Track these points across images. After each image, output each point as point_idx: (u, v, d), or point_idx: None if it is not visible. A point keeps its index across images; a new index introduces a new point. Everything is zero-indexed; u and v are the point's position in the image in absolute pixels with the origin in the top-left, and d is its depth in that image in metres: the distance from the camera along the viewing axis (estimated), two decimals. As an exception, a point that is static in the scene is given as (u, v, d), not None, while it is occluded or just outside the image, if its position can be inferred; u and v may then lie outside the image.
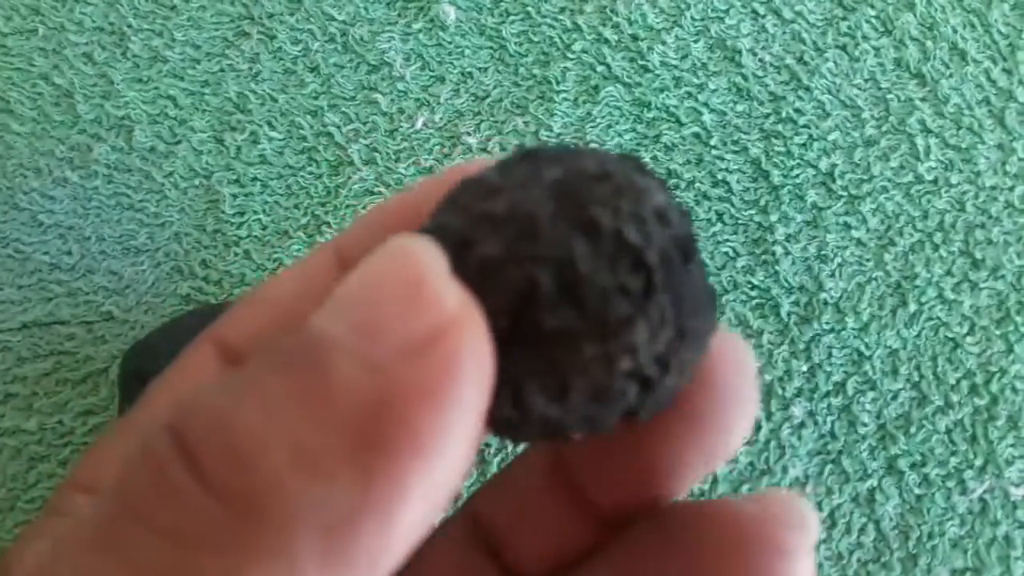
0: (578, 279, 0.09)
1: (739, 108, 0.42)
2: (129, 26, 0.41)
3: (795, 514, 0.10)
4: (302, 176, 0.40)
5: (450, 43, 0.42)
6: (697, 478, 0.11)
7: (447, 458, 0.08)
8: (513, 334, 0.09)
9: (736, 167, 0.41)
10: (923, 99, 0.43)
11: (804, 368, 0.39)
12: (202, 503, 0.08)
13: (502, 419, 0.09)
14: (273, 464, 0.08)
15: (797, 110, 0.42)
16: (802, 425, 0.39)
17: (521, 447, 0.13)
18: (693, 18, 0.43)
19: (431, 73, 0.42)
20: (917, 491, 0.38)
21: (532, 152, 0.10)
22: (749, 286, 0.40)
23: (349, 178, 0.40)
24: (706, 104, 0.42)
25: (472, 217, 0.10)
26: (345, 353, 0.08)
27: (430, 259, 0.08)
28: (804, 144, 0.42)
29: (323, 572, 0.08)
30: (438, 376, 0.08)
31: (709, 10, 0.43)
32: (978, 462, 0.39)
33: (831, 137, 0.42)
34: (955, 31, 0.45)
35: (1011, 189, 0.43)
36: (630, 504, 0.11)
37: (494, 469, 0.37)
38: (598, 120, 0.42)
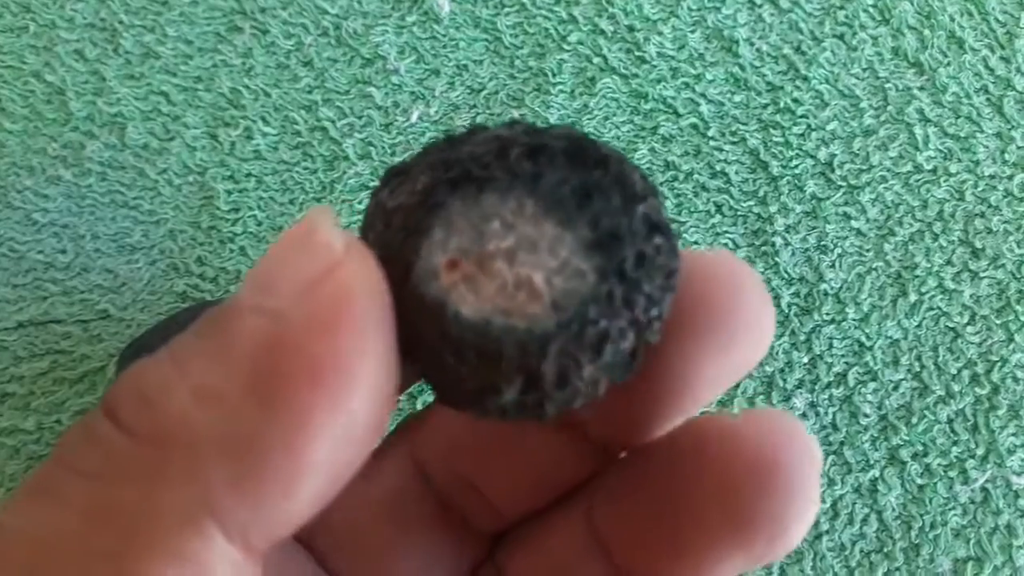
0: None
1: (737, 99, 0.42)
2: (120, 22, 0.41)
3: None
4: (297, 171, 0.39)
5: (444, 36, 0.42)
6: (741, 571, 0.10)
7: (352, 384, 0.08)
8: None
9: (734, 158, 0.41)
10: (921, 88, 0.43)
11: (805, 359, 0.39)
12: (119, 444, 0.08)
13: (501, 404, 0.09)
14: (179, 402, 0.08)
15: (795, 100, 0.42)
16: (803, 416, 0.39)
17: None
18: (689, 8, 0.43)
19: (426, 66, 0.41)
20: (919, 481, 0.38)
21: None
22: (748, 277, 0.40)
23: (344, 173, 0.40)
24: (703, 95, 0.42)
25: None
26: (247, 308, 0.09)
27: (319, 216, 0.09)
28: (802, 134, 0.42)
29: (235, 495, 0.08)
30: (328, 307, 0.08)
31: (706, 0, 0.43)
32: (980, 451, 0.39)
33: (829, 127, 0.42)
34: (952, 19, 0.44)
35: (1010, 178, 0.42)
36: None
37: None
38: (595, 112, 0.41)
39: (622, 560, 0.11)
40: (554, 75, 0.42)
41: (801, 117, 0.42)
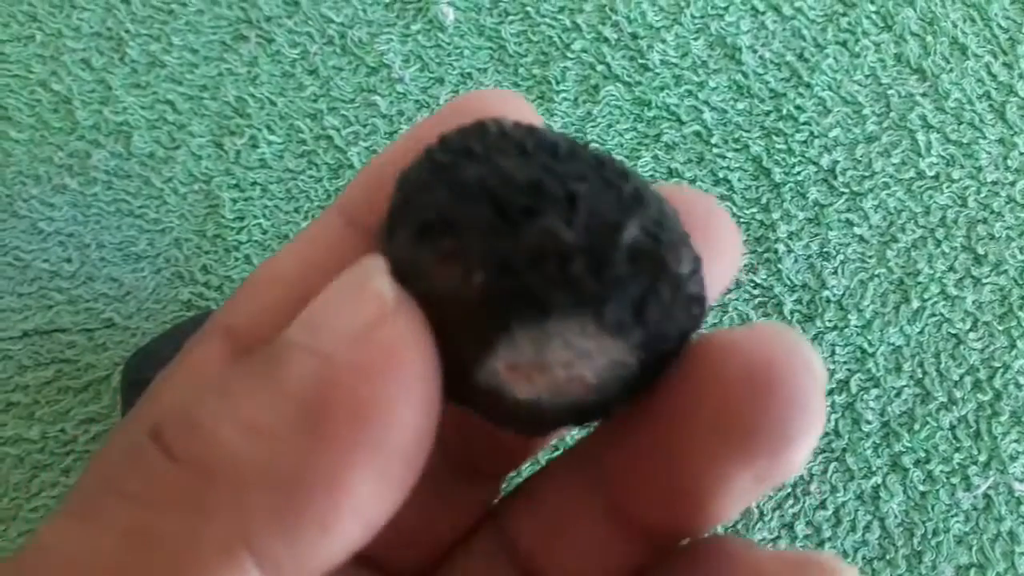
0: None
1: (740, 106, 0.42)
2: (127, 31, 0.41)
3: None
4: (302, 180, 0.40)
5: (449, 44, 0.42)
6: (750, 499, 0.10)
7: (393, 427, 0.09)
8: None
9: (737, 165, 0.41)
10: (924, 94, 0.43)
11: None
12: (164, 469, 0.09)
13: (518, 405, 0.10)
14: (227, 433, 0.09)
15: (798, 107, 0.42)
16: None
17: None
18: (693, 16, 0.43)
19: (430, 74, 0.42)
20: (921, 488, 0.38)
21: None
22: (752, 284, 0.40)
23: (349, 181, 0.40)
24: (707, 102, 0.42)
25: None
26: (298, 350, 0.09)
27: (373, 265, 0.10)
28: (805, 141, 0.42)
29: (273, 529, 0.08)
30: (377, 354, 0.09)
31: (709, 7, 0.43)
32: (982, 458, 0.39)
33: (832, 134, 0.42)
34: (955, 26, 0.45)
35: (1013, 184, 0.42)
36: (675, 525, 0.11)
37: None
38: (599, 119, 0.42)
39: (627, 504, 0.11)
40: (558, 83, 0.42)
41: (804, 124, 0.42)
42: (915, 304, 0.40)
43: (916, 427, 0.39)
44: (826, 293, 0.40)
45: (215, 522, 0.08)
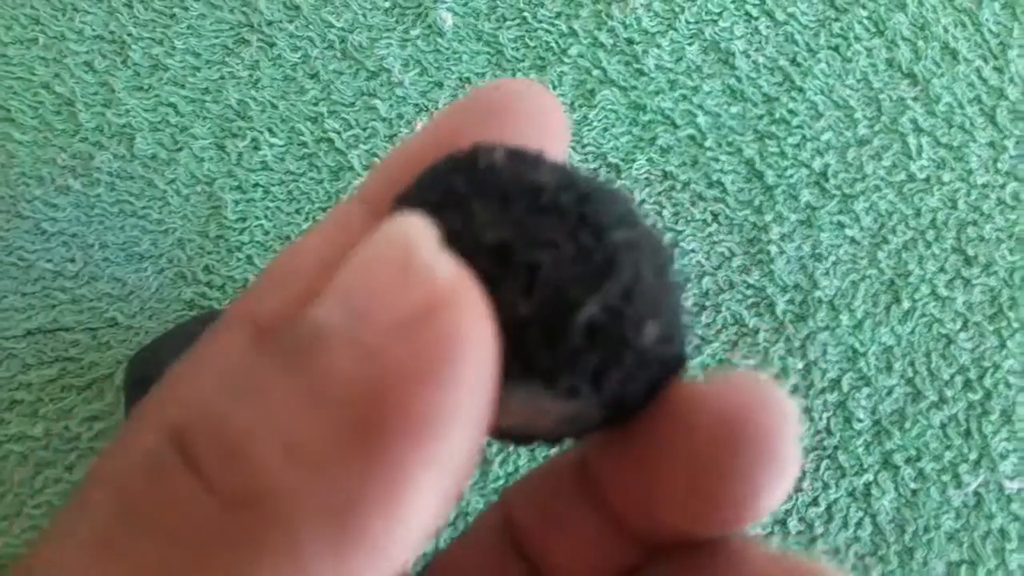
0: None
1: (733, 110, 0.43)
2: (129, 35, 0.41)
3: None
4: (303, 182, 0.40)
5: (448, 49, 0.43)
6: (726, 531, 0.10)
7: (451, 441, 0.08)
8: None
9: (731, 168, 0.42)
10: (915, 98, 0.44)
11: (800, 365, 0.40)
12: (203, 502, 0.08)
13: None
14: (269, 459, 0.08)
15: (790, 111, 0.43)
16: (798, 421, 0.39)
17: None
18: (687, 21, 0.44)
19: (429, 79, 0.42)
20: (913, 485, 0.39)
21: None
22: (745, 285, 0.41)
23: (350, 183, 0.40)
24: (701, 106, 0.43)
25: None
26: (337, 340, 0.08)
27: (419, 233, 0.08)
28: (798, 144, 0.43)
29: (334, 562, 0.07)
30: (431, 355, 0.08)
31: (703, 13, 0.44)
32: (972, 456, 0.39)
33: (824, 137, 0.43)
34: (946, 30, 0.45)
35: (1002, 186, 0.43)
36: (659, 534, 0.11)
37: (495, 469, 0.38)
38: (594, 124, 0.42)
39: (615, 507, 0.11)
40: (555, 87, 0.42)
41: (796, 128, 0.43)
42: (906, 305, 0.41)
43: (907, 425, 0.39)
44: (818, 294, 0.41)
45: (264, 565, 0.07)
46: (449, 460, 0.08)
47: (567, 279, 0.09)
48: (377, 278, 0.08)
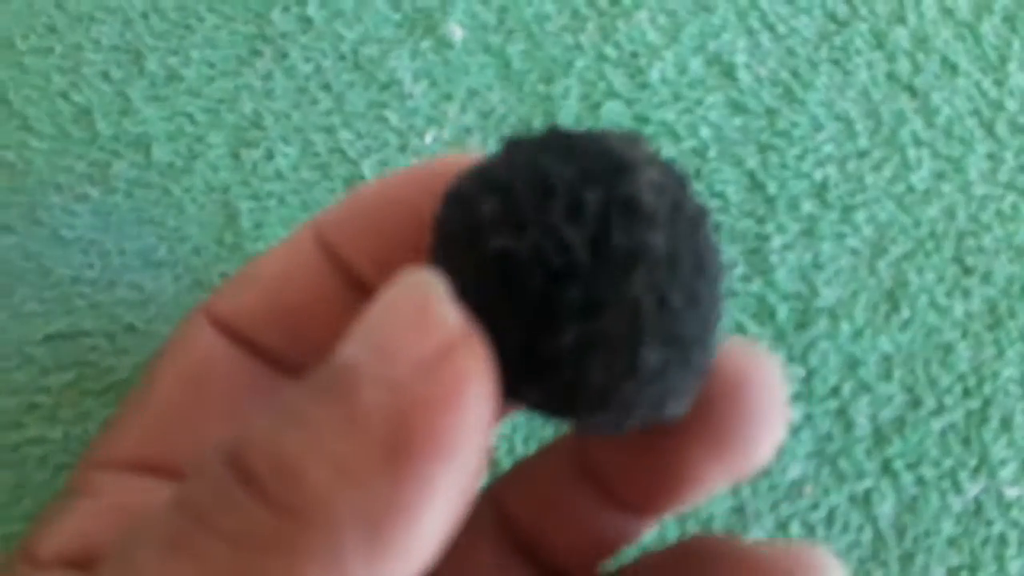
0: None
1: (735, 122, 0.44)
2: (145, 45, 0.42)
3: (818, 566, 0.12)
4: (317, 191, 0.41)
5: (457, 61, 0.43)
6: (722, 486, 0.13)
7: (464, 458, 0.10)
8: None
9: (733, 179, 0.43)
10: (915, 111, 0.44)
11: (801, 373, 0.40)
12: (259, 514, 0.09)
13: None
14: (317, 478, 0.09)
15: (792, 123, 0.44)
16: (800, 427, 0.40)
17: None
18: (691, 35, 0.45)
19: (439, 91, 0.43)
20: (912, 491, 0.39)
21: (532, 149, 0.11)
22: (746, 294, 0.41)
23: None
24: (703, 118, 0.43)
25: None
26: (369, 377, 0.10)
27: (434, 287, 0.10)
28: (799, 156, 0.43)
29: (368, 564, 0.09)
30: (449, 387, 0.10)
31: (706, 27, 0.45)
32: (972, 463, 0.40)
33: (825, 149, 0.43)
34: (946, 44, 0.46)
35: (1001, 198, 0.44)
36: (655, 504, 0.13)
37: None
38: (600, 134, 0.43)
39: (612, 483, 0.13)
40: (561, 100, 0.43)
41: (798, 140, 0.43)
42: (905, 314, 0.41)
43: (907, 432, 0.40)
44: (819, 303, 0.41)
45: (314, 563, 0.09)
46: (462, 471, 0.10)
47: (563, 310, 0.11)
48: (400, 323, 0.10)
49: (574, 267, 0.10)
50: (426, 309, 0.10)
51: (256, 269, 0.14)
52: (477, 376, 0.10)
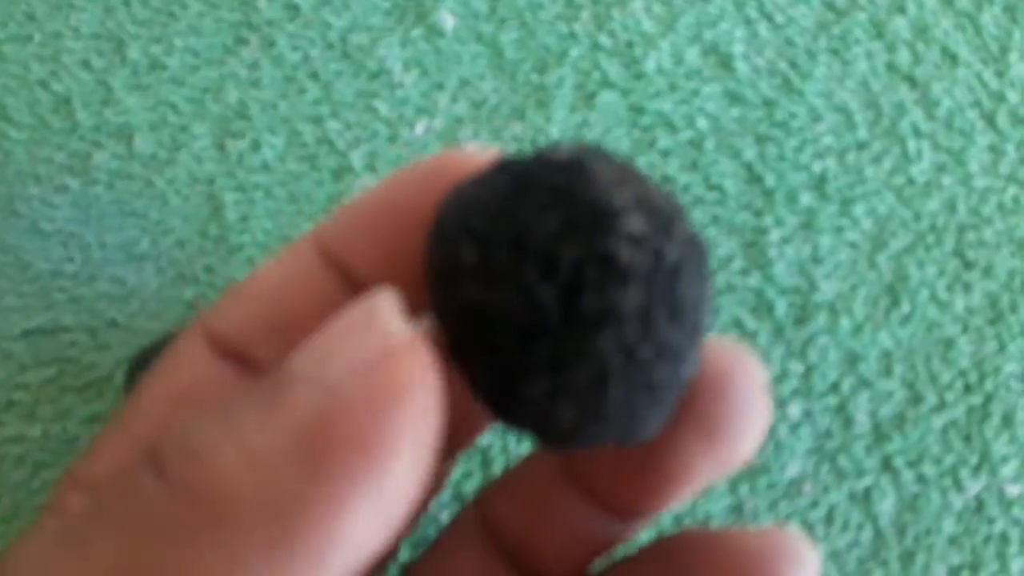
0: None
1: (733, 113, 0.43)
2: (127, 33, 0.41)
3: (795, 551, 0.12)
4: (304, 183, 0.40)
5: (448, 50, 0.43)
6: (708, 482, 0.12)
7: (391, 471, 0.09)
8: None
9: (730, 171, 0.42)
10: (915, 102, 0.44)
11: (800, 369, 0.40)
12: (159, 497, 0.09)
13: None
14: (224, 462, 0.09)
15: (790, 114, 0.43)
16: (799, 425, 0.39)
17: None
18: (687, 24, 0.44)
19: (430, 80, 0.42)
20: (913, 489, 0.39)
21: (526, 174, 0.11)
22: (744, 288, 0.41)
23: (350, 185, 0.40)
24: (700, 109, 0.43)
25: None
26: (304, 379, 0.09)
27: (385, 304, 0.10)
28: (797, 148, 0.43)
29: (271, 562, 0.08)
30: (381, 391, 0.09)
31: (702, 16, 0.44)
32: (973, 460, 0.39)
33: (824, 141, 0.43)
34: (946, 34, 0.45)
35: (1002, 190, 0.43)
36: (643, 504, 0.13)
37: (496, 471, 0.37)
38: (594, 126, 0.42)
39: (599, 487, 0.13)
40: (555, 89, 0.42)
41: (796, 131, 0.43)
42: (905, 308, 0.41)
43: (907, 429, 0.39)
44: (818, 297, 0.41)
45: (208, 556, 0.08)
46: (389, 487, 0.09)
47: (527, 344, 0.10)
48: (343, 330, 0.10)
49: (543, 325, 0.10)
50: (372, 319, 0.10)
51: (254, 282, 0.13)
52: (415, 385, 0.09)
